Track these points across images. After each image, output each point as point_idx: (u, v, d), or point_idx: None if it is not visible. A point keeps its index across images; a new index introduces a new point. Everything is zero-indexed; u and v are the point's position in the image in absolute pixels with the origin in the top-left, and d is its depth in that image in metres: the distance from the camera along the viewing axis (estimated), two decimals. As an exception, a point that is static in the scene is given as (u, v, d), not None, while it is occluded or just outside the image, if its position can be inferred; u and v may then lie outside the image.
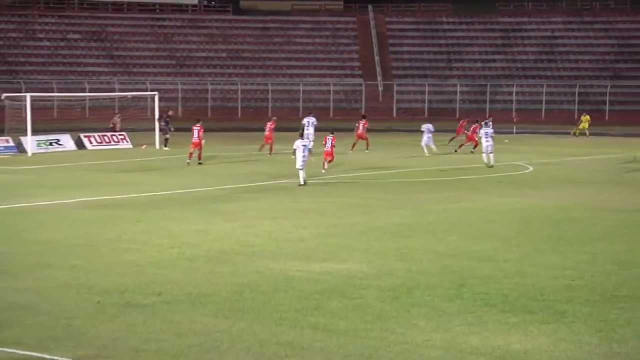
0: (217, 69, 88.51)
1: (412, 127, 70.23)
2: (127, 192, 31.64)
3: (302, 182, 33.66)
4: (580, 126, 67.17)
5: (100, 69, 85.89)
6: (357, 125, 50.84)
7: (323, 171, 38.38)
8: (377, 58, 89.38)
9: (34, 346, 13.55)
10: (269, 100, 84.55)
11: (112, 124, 57.46)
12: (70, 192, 31.43)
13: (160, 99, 56.60)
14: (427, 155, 47.31)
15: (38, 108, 54.22)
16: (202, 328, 14.56)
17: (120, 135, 55.01)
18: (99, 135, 54.04)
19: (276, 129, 48.22)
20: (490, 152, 41.83)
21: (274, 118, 49.05)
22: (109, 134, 54.86)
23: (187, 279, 17.96)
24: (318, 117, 52.71)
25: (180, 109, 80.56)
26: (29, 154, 47.94)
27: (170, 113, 53.64)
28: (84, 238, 22.46)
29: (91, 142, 53.21)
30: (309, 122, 49.46)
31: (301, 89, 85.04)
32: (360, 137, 50.05)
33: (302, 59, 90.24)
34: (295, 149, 34.29)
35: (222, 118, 77.82)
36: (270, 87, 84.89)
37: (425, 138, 48.73)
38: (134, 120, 57.05)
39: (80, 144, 52.37)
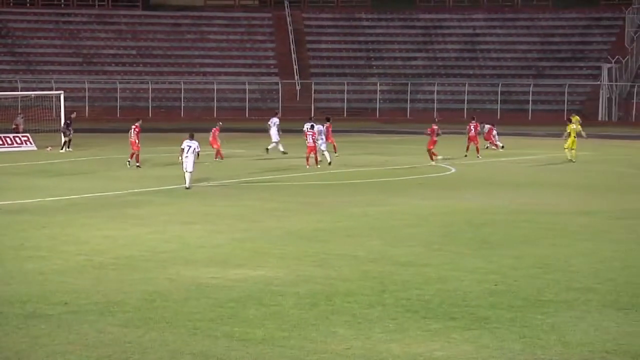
0: (127, 67, 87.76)
1: (335, 128, 70.48)
2: (31, 196, 31.17)
3: (187, 185, 33.54)
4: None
5: (1, 67, 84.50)
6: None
7: (318, 166, 41.28)
8: (294, 56, 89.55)
9: None
10: (182, 99, 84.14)
11: (15, 124, 56.64)
12: (-30, 197, 30.84)
13: (66, 99, 55.97)
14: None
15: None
16: (111, 339, 14.41)
17: (23, 136, 54.21)
18: (0, 137, 53.16)
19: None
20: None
21: (219, 123, 48.07)
22: (11, 135, 54.03)
23: (95, 287, 17.76)
24: (232, 118, 52.65)
25: (87, 108, 79.70)
26: None
27: (72, 115, 53.02)
28: (-15, 245, 22.05)
29: (-10, 144, 52.34)
30: (273, 123, 49.28)
31: (215, 88, 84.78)
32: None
33: (216, 56, 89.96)
34: (182, 148, 34.12)
35: (132, 119, 77.02)
36: (182, 86, 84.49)
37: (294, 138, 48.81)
38: (38, 120, 56.29)
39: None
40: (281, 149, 47.74)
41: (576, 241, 23.46)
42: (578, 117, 67.08)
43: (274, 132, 48.56)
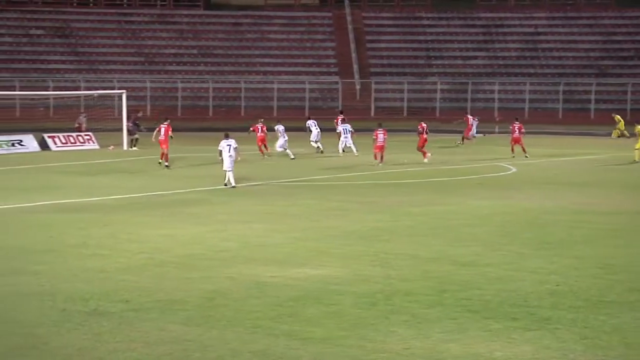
0: (188, 67, 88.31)
1: (391, 127, 70.36)
2: (93, 195, 31.52)
3: (233, 184, 33.65)
4: (619, 127, 66.70)
5: (64, 67, 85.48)
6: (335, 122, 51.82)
7: (380, 164, 41.45)
8: (354, 55, 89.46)
9: (-4, 356, 13.49)
10: (242, 99, 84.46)
11: (78, 123, 57.22)
12: (33, 196, 31.27)
13: (128, 98, 56.41)
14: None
15: (-1, 107, 54.03)
16: (171, 337, 14.51)
17: (86, 135, 54.79)
18: (63, 136, 53.80)
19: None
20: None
21: (262, 120, 48.58)
22: (74, 134, 54.64)
23: (156, 285, 17.91)
24: (293, 117, 52.88)
25: (148, 108, 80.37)
26: (-9, 155, 47.70)
27: (139, 114, 53.52)
28: (48, 243, 22.35)
29: (55, 143, 52.97)
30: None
31: (275, 87, 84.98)
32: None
33: (276, 55, 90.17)
34: (220, 150, 34.27)
35: (192, 118, 77.68)
36: (242, 85, 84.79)
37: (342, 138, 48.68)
38: (100, 120, 56.83)
39: (44, 145, 52.11)
40: (290, 155, 47.36)
41: (638, 241, 23.16)
42: (619, 117, 66.46)
43: (280, 141, 47.97)
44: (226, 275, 18.88)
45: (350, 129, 48.80)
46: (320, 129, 50.62)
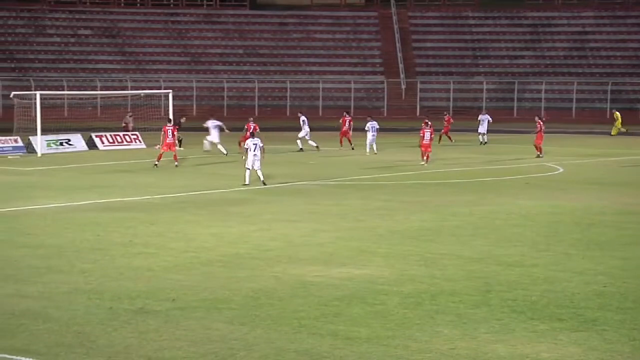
0: (233, 66, 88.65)
1: (437, 127, 70.10)
2: (139, 194, 31.74)
3: (262, 180, 33.94)
4: (617, 124, 66.59)
5: (112, 66, 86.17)
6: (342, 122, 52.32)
7: (425, 164, 41.40)
8: (399, 55, 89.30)
9: (44, 353, 13.60)
10: (287, 98, 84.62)
11: (125, 123, 57.61)
12: (81, 194, 31.55)
13: (174, 97, 56.70)
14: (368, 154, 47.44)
15: (48, 107, 54.45)
16: (217, 335, 14.58)
17: (132, 134, 55.15)
18: (110, 135, 54.18)
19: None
20: None
21: (251, 119, 49.34)
22: (121, 133, 55.02)
23: (202, 284, 17.99)
24: (338, 117, 52.95)
25: (194, 107, 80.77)
26: (39, 154, 48.12)
27: (182, 120, 53.74)
28: (95, 242, 22.54)
29: (103, 142, 53.36)
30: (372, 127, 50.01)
31: (321, 87, 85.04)
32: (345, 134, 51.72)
33: (322, 55, 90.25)
34: (246, 149, 34.32)
35: (238, 117, 77.83)
36: (288, 85, 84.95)
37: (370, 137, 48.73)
38: (147, 119, 57.17)
39: (91, 144, 52.52)
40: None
41: (688, 243, 22.92)
42: (618, 113, 65.99)
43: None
44: (271, 274, 18.92)
45: (377, 127, 49.22)
46: (310, 127, 50.83)
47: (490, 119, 58.09)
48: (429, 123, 43.26)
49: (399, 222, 25.94)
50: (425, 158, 42.22)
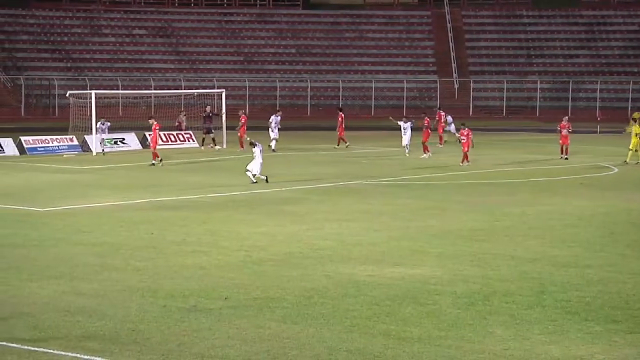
0: (286, 66, 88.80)
1: (489, 126, 69.76)
2: (192, 193, 31.91)
3: (253, 178, 34.40)
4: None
5: (166, 66, 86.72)
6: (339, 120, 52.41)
7: (464, 164, 41.13)
8: (452, 54, 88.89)
9: (99, 350, 13.74)
10: (340, 98, 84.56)
11: (178, 122, 57.88)
12: (135, 193, 31.80)
13: (227, 97, 56.90)
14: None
15: (103, 106, 54.95)
16: (269, 334, 14.62)
17: (186, 134, 55.42)
18: (164, 134, 54.42)
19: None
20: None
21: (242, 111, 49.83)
22: (174, 132, 55.31)
23: (254, 282, 18.05)
24: (397, 115, 52.89)
25: (247, 106, 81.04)
26: (94, 153, 48.54)
27: (208, 109, 53.87)
28: (149, 240, 22.71)
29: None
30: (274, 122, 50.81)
31: (373, 86, 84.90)
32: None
33: (375, 54, 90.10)
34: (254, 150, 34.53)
35: (291, 116, 77.98)
36: (341, 85, 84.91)
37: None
38: (200, 118, 57.33)
39: (145, 143, 52.82)
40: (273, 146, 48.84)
41: None
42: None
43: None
44: (323, 273, 18.94)
45: (412, 126, 49.30)
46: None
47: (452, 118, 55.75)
48: (466, 127, 43.31)
49: (451, 222, 25.83)
50: (465, 159, 41.71)
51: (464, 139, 42.08)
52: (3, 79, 79.54)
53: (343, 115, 53.06)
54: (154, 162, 41.56)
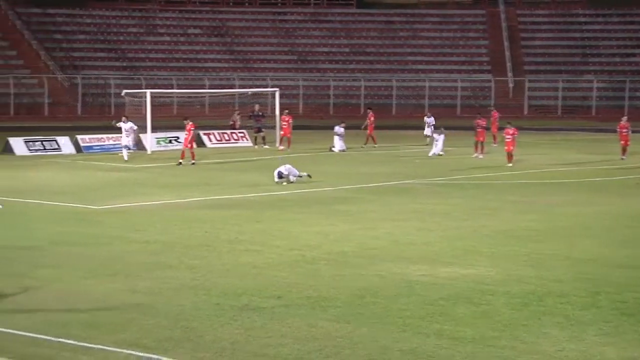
0: (340, 65, 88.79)
1: (544, 126, 69.21)
2: (245, 191, 32.02)
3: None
4: None
5: (220, 65, 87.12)
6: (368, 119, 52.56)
7: (509, 164, 40.43)
8: (507, 53, 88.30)
9: (153, 348, 13.82)
10: (393, 97, 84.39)
11: (232, 121, 58.10)
12: (189, 191, 31.98)
13: (281, 96, 56.97)
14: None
15: (158, 104, 55.34)
16: (322, 333, 14.61)
17: (240, 132, 55.59)
18: (218, 133, 54.76)
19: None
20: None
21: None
22: (228, 131, 55.53)
23: (307, 282, 18.06)
24: (444, 115, 52.76)
25: (300, 106, 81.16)
26: (148, 151, 48.91)
27: (256, 107, 53.97)
28: (202, 238, 22.82)
29: (210, 140, 53.96)
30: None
31: (427, 86, 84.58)
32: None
33: (428, 53, 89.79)
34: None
35: (344, 116, 77.84)
36: (394, 84, 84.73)
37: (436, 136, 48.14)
38: (249, 117, 57.45)
39: (199, 142, 53.08)
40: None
41: None
42: None
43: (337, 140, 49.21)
44: (376, 273, 18.90)
45: (433, 123, 49.35)
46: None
47: (434, 121, 53.67)
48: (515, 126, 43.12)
49: (505, 221, 25.66)
50: (509, 159, 41.21)
51: (509, 138, 41.64)
52: (60, 78, 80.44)
53: (373, 114, 53.21)
54: (180, 160, 41.48)
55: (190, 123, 42.88)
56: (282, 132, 50.83)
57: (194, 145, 42.63)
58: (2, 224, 25.01)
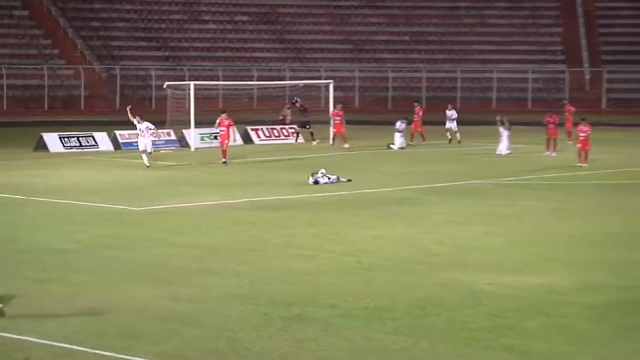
0: (399, 54, 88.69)
1: (625, 121, 68.57)
2: (296, 192, 32.04)
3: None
4: None
5: (269, 55, 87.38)
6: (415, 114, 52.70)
7: (584, 165, 40.13)
8: (583, 41, 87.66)
9: (195, 360, 13.88)
10: (458, 89, 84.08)
11: (282, 115, 58.17)
12: (235, 191, 32.09)
13: (335, 88, 56.99)
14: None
15: (202, 98, 55.56)
16: (379, 346, 14.56)
17: (290, 128, 55.66)
18: (267, 129, 54.87)
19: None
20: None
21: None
22: (278, 127, 55.57)
23: (363, 290, 18.02)
24: (513, 109, 52.43)
25: (357, 99, 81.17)
26: (192, 148, 49.17)
27: (298, 101, 54.01)
28: (249, 242, 22.87)
29: (259, 136, 54.10)
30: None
31: (495, 77, 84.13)
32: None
33: (496, 42, 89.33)
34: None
35: (403, 110, 77.75)
36: (459, 75, 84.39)
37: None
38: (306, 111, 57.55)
39: (246, 138, 53.29)
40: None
41: None
42: None
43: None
44: (438, 281, 18.81)
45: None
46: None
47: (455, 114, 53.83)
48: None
49: (581, 225, 25.45)
50: (582, 158, 40.73)
51: (583, 136, 41.15)
52: (98, 69, 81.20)
53: (421, 108, 53.14)
54: (223, 159, 41.38)
55: (229, 119, 42.24)
56: (334, 130, 50.63)
57: (227, 142, 42.17)
58: (35, 225, 25.29)
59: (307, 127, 52.41)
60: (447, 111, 53.70)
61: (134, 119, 41.43)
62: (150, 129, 40.89)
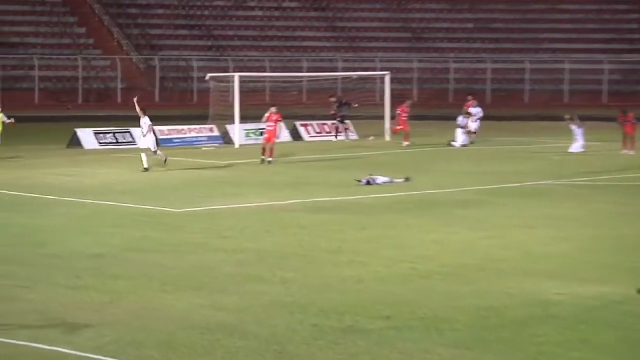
0: (462, 43, 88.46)
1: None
2: (349, 193, 32.08)
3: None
4: None
5: (320, 44, 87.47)
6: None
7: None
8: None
9: (239, 374, 13.98)
10: (526, 81, 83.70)
11: (334, 110, 58.20)
12: (283, 192, 32.18)
13: (392, 80, 56.96)
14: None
15: (247, 90, 55.71)
16: (438, 360, 14.59)
17: (333, 123, 55.61)
18: (317, 124, 54.94)
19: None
20: None
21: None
22: (329, 122, 55.59)
23: (421, 299, 18.04)
24: (586, 103, 52.04)
25: (415, 91, 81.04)
26: (236, 145, 49.34)
27: (333, 98, 53.97)
28: (298, 247, 22.94)
29: (308, 132, 54.17)
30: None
31: (566, 68, 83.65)
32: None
33: (568, 30, 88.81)
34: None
35: (465, 103, 77.61)
36: (527, 66, 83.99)
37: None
38: (360, 105, 57.61)
39: (295, 134, 53.39)
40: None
41: None
42: None
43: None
44: (503, 290, 18.78)
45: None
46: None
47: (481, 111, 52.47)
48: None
49: (660, 231, 25.30)
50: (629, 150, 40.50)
51: None
52: (135, 60, 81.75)
53: (473, 100, 52.43)
54: (269, 158, 41.34)
55: (273, 111, 42.32)
56: (400, 127, 50.45)
57: (273, 140, 42.16)
58: (68, 228, 25.54)
59: (343, 122, 52.49)
60: (471, 108, 51.20)
61: (141, 113, 39.24)
62: (148, 124, 39.13)
